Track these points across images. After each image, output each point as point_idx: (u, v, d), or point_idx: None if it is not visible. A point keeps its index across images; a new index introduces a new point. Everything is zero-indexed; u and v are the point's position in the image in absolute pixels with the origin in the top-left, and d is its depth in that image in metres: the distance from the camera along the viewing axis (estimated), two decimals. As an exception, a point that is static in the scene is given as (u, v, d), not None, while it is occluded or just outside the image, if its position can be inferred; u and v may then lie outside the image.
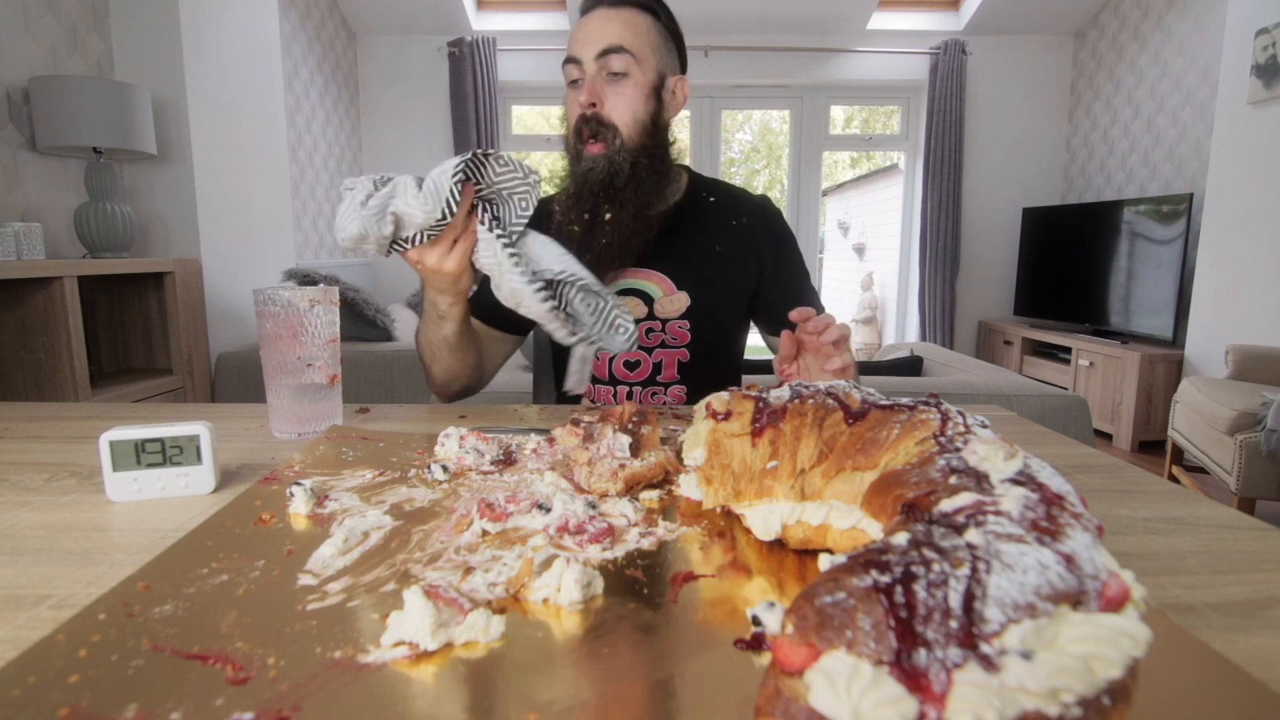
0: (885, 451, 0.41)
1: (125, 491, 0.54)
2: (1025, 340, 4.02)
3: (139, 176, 2.43)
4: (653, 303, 0.99)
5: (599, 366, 1.02)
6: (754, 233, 1.03)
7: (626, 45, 0.90)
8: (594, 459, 0.56)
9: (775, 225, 1.05)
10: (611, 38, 0.89)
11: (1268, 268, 2.75)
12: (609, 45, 0.89)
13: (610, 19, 0.91)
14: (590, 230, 0.92)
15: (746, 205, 1.05)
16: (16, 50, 2.00)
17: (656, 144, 0.94)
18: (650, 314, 0.99)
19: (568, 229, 0.93)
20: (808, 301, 1.01)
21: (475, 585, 0.39)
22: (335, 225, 0.68)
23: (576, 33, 0.92)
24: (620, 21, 0.91)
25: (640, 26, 0.92)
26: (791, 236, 1.06)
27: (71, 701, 0.29)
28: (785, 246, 1.04)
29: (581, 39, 0.91)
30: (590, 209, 0.91)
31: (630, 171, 0.91)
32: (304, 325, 0.71)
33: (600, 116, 0.90)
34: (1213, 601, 0.40)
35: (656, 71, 0.93)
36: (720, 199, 1.04)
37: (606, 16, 0.91)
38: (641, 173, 0.92)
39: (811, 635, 0.23)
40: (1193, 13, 3.43)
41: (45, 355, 1.82)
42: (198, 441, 0.56)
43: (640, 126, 0.92)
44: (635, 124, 0.92)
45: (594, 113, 0.90)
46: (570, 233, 0.92)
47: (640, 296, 0.98)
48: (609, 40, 0.89)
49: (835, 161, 6.53)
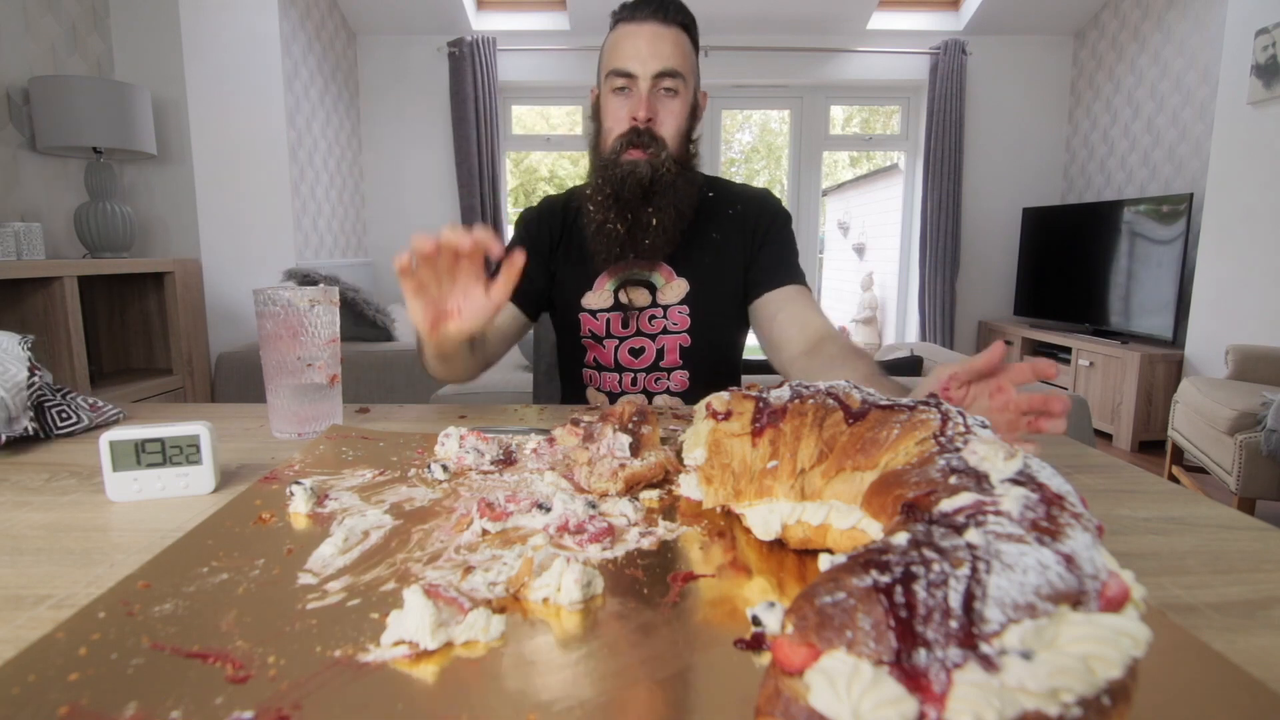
0: (885, 451, 0.41)
1: (125, 491, 0.54)
2: (1025, 340, 4.02)
3: (139, 176, 2.43)
4: (655, 291, 1.03)
5: (604, 354, 1.05)
6: (748, 217, 1.06)
7: (680, 69, 0.95)
8: (594, 459, 0.56)
9: (770, 208, 1.07)
10: (667, 60, 0.94)
11: (1268, 268, 2.75)
12: (666, 68, 0.94)
13: (663, 38, 0.94)
14: (632, 230, 0.97)
15: (743, 195, 1.09)
16: (16, 50, 2.00)
17: (689, 154, 1.01)
18: (654, 301, 1.03)
19: (608, 228, 0.98)
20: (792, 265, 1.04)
21: (475, 585, 0.39)
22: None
23: (627, 44, 0.95)
24: (671, 42, 0.95)
25: (685, 47, 0.97)
26: (785, 217, 1.08)
27: (71, 700, 0.29)
28: (776, 223, 1.06)
29: (634, 53, 0.94)
30: (632, 210, 0.97)
31: (671, 179, 0.97)
32: (304, 325, 0.71)
33: (653, 130, 0.96)
34: (1213, 601, 0.40)
35: (694, 91, 1.00)
36: (719, 194, 1.08)
37: (659, 35, 0.94)
38: (680, 180, 0.98)
39: (811, 635, 0.23)
40: (1193, 13, 3.43)
41: (45, 355, 1.82)
42: (198, 442, 0.56)
43: (681, 140, 0.99)
44: (678, 137, 0.98)
45: (648, 126, 0.95)
46: (613, 232, 0.97)
47: (645, 286, 1.03)
48: (665, 63, 0.94)
49: (835, 161, 6.53)
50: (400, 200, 4.31)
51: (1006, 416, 0.59)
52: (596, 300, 1.04)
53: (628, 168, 0.95)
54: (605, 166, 0.97)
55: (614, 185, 0.96)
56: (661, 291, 1.03)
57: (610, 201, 0.97)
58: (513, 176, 4.77)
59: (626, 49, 0.95)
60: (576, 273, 1.05)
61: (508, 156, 4.54)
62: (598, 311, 1.04)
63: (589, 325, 1.04)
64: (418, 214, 4.31)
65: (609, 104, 0.98)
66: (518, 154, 4.73)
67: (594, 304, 1.04)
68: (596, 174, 0.99)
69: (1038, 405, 0.58)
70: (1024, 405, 0.58)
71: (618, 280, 1.03)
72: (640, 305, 1.03)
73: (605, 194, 0.97)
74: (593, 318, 1.04)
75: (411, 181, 4.28)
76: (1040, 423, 0.58)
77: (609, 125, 0.98)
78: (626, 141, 0.95)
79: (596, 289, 1.04)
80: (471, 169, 4.09)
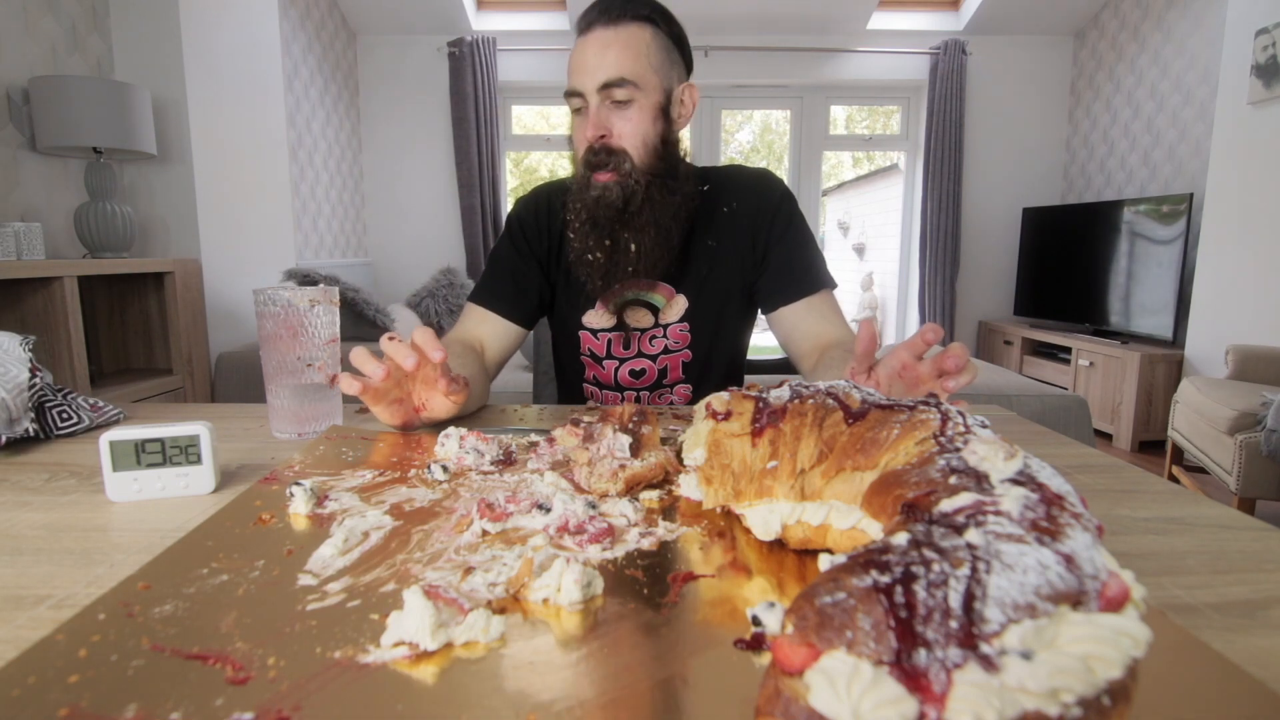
0: (885, 451, 0.41)
1: (125, 491, 0.54)
2: (1025, 340, 4.02)
3: (139, 176, 2.43)
4: (658, 312, 0.99)
5: (604, 374, 1.02)
6: (744, 215, 0.99)
7: (627, 75, 0.87)
8: (594, 459, 0.56)
9: (769, 200, 1.00)
10: (610, 69, 0.86)
11: (1268, 268, 2.75)
12: (609, 79, 0.87)
13: (609, 43, 0.87)
14: (613, 257, 0.91)
15: (740, 187, 1.01)
16: (16, 50, 2.00)
17: (668, 162, 0.92)
18: (655, 322, 0.99)
19: (589, 256, 0.92)
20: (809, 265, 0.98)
21: (475, 585, 0.39)
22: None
23: (575, 59, 0.89)
24: (619, 45, 0.87)
25: (640, 45, 0.88)
26: (789, 203, 1.00)
27: (71, 701, 0.29)
28: (780, 217, 0.99)
29: (580, 67, 0.88)
30: (609, 235, 0.91)
31: (645, 194, 0.90)
32: (304, 325, 0.71)
33: (609, 145, 0.89)
34: (1213, 601, 0.40)
35: (662, 91, 0.91)
36: (713, 187, 1.01)
37: (604, 40, 0.87)
38: (656, 194, 0.91)
39: (811, 635, 0.23)
40: (1193, 13, 3.43)
41: (45, 355, 1.82)
42: (198, 442, 0.56)
43: (650, 149, 0.91)
44: (645, 147, 0.90)
45: (603, 143, 0.89)
46: (594, 261, 0.92)
47: (646, 307, 0.98)
48: (608, 73, 0.87)
49: (835, 161, 6.53)
50: (400, 200, 4.31)
51: (923, 389, 0.61)
52: (598, 320, 1.00)
53: (596, 192, 0.90)
54: (578, 191, 0.92)
55: (588, 210, 0.91)
56: (663, 311, 0.99)
57: (587, 229, 0.92)
58: (513, 176, 4.78)
59: (574, 64, 0.90)
60: (577, 288, 0.99)
61: (508, 156, 4.55)
62: (599, 331, 1.00)
63: (589, 344, 1.01)
64: (418, 214, 4.31)
65: (574, 126, 0.94)
66: (518, 154, 4.73)
67: (595, 323, 1.00)
68: (573, 199, 0.94)
69: (938, 365, 0.60)
70: (927, 372, 0.61)
71: (618, 301, 0.98)
72: (643, 327, 0.99)
73: (582, 220, 0.92)
74: (593, 337, 1.00)
75: (411, 181, 4.28)
76: (945, 383, 0.60)
77: (575, 148, 0.94)
78: (588, 164, 0.90)
79: (599, 309, 0.99)
80: (471, 169, 4.09)
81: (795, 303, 0.97)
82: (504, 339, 0.99)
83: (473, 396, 0.82)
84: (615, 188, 0.89)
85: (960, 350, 0.59)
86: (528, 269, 1.00)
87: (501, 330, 0.98)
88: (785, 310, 0.98)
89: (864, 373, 0.64)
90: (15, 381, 0.67)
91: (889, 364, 0.64)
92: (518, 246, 1.01)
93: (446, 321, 3.29)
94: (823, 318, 0.96)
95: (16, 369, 0.68)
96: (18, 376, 0.68)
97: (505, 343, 0.99)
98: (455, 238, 4.29)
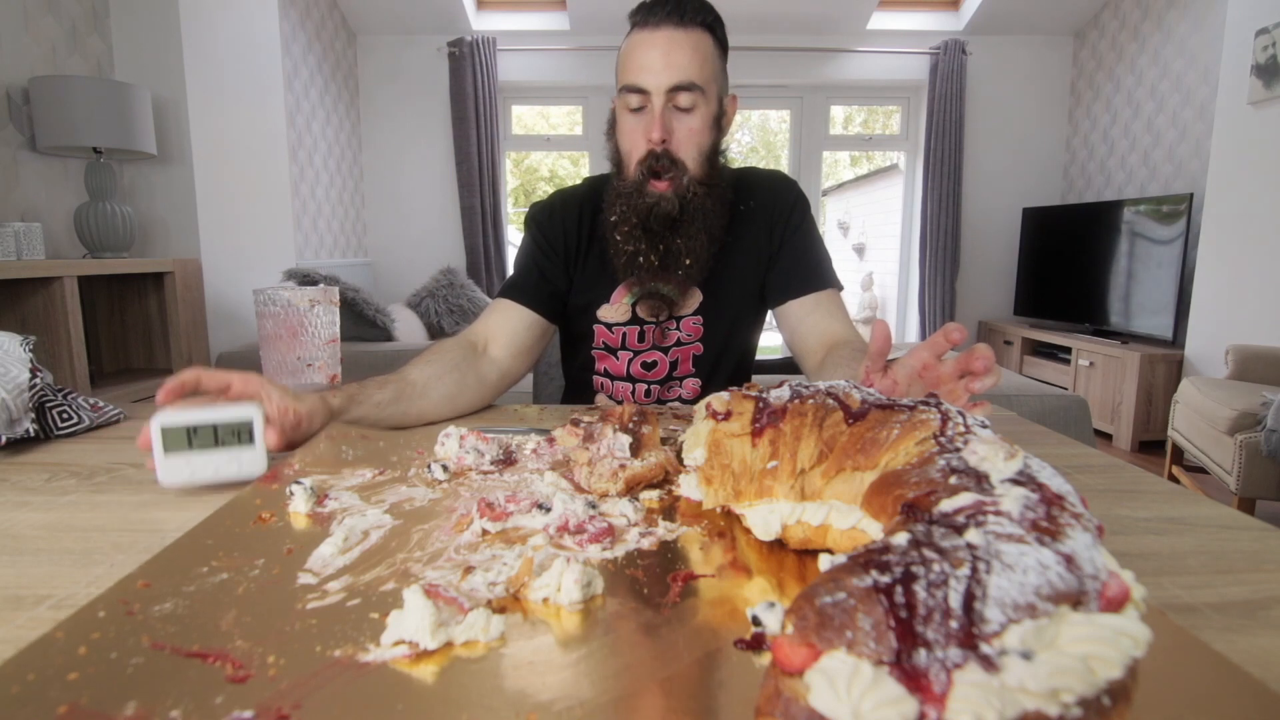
0: (885, 451, 0.41)
1: (178, 475, 0.54)
2: (1025, 340, 4.02)
3: (139, 176, 2.43)
4: (673, 304, 0.98)
5: (616, 366, 1.02)
6: (761, 212, 1.00)
7: (696, 80, 0.86)
8: (594, 459, 0.56)
9: (785, 200, 1.01)
10: (681, 72, 0.85)
11: (1268, 268, 2.75)
12: (680, 82, 0.86)
13: (679, 44, 0.86)
14: (665, 260, 0.92)
15: (758, 186, 1.02)
16: (16, 50, 1.99)
17: (716, 171, 0.94)
18: (670, 314, 0.99)
19: (640, 260, 0.92)
20: (818, 263, 0.99)
21: (475, 585, 0.39)
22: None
23: (640, 54, 0.87)
24: (689, 48, 0.86)
25: (705, 51, 0.88)
26: (803, 205, 1.02)
27: (71, 699, 0.29)
28: (794, 217, 1.00)
29: (647, 65, 0.86)
30: (664, 240, 0.92)
31: (698, 204, 0.91)
32: (304, 325, 0.71)
33: (670, 153, 0.88)
34: (1213, 601, 0.40)
35: (717, 100, 0.92)
36: (736, 189, 1.01)
37: (674, 41, 0.86)
38: (707, 203, 0.92)
39: (811, 635, 0.23)
40: (1193, 13, 3.43)
41: (45, 355, 1.82)
42: (250, 425, 0.56)
43: (705, 158, 0.91)
44: (700, 157, 0.90)
45: (665, 149, 0.88)
46: (646, 264, 0.92)
47: (663, 300, 0.98)
48: (679, 76, 0.85)
49: (835, 161, 6.53)
50: (400, 200, 4.31)
51: (946, 389, 0.60)
52: (613, 314, 1.00)
53: (652, 200, 0.89)
54: (630, 195, 0.91)
55: (639, 216, 0.90)
56: (678, 304, 0.99)
57: (639, 232, 0.91)
58: (513, 176, 4.78)
59: (638, 60, 0.87)
60: (595, 283, 1.00)
61: (508, 156, 4.55)
62: (614, 325, 1.00)
63: (603, 337, 1.01)
64: (418, 214, 4.31)
65: (624, 123, 0.92)
66: (518, 154, 4.74)
67: (610, 317, 1.00)
68: (620, 201, 0.93)
69: (962, 366, 0.58)
70: (950, 373, 0.59)
71: (635, 294, 0.98)
72: (658, 320, 0.99)
73: (631, 224, 0.91)
74: (608, 330, 1.00)
75: (411, 181, 4.28)
76: (971, 384, 0.58)
77: (626, 147, 0.92)
78: (647, 169, 0.89)
79: (614, 301, 0.99)
80: (471, 169, 4.09)
81: (802, 297, 0.97)
82: (522, 327, 0.97)
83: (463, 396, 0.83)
84: (673, 200, 0.89)
85: (986, 351, 0.57)
86: (550, 263, 1.00)
87: (517, 318, 0.97)
88: (792, 304, 0.98)
89: (879, 371, 0.63)
90: (15, 382, 0.67)
91: (909, 364, 0.62)
92: (537, 242, 1.01)
93: (446, 321, 3.29)
94: (829, 315, 0.96)
95: (17, 369, 0.68)
96: (18, 377, 0.68)
97: (524, 332, 0.97)
98: (455, 238, 4.29)
